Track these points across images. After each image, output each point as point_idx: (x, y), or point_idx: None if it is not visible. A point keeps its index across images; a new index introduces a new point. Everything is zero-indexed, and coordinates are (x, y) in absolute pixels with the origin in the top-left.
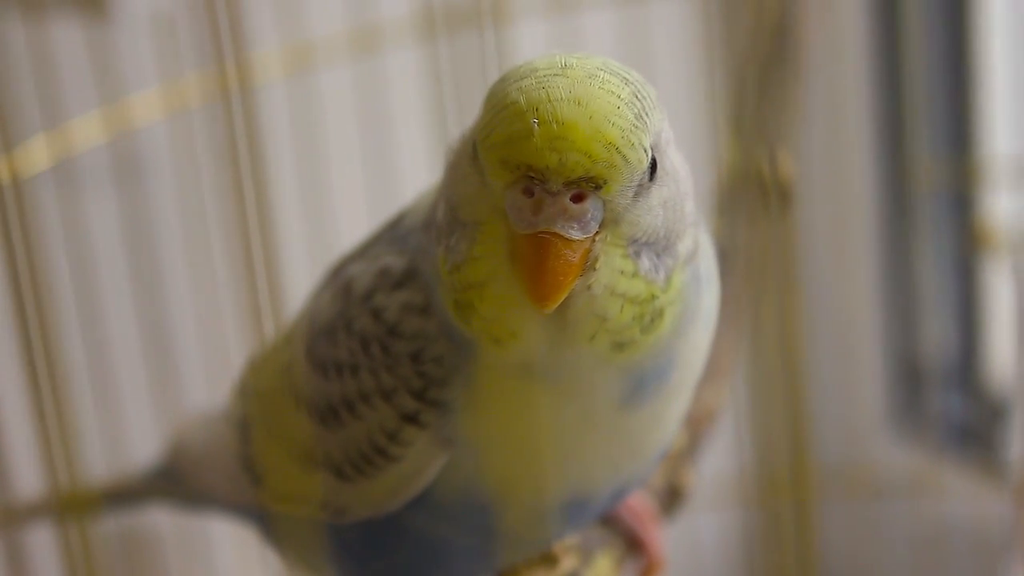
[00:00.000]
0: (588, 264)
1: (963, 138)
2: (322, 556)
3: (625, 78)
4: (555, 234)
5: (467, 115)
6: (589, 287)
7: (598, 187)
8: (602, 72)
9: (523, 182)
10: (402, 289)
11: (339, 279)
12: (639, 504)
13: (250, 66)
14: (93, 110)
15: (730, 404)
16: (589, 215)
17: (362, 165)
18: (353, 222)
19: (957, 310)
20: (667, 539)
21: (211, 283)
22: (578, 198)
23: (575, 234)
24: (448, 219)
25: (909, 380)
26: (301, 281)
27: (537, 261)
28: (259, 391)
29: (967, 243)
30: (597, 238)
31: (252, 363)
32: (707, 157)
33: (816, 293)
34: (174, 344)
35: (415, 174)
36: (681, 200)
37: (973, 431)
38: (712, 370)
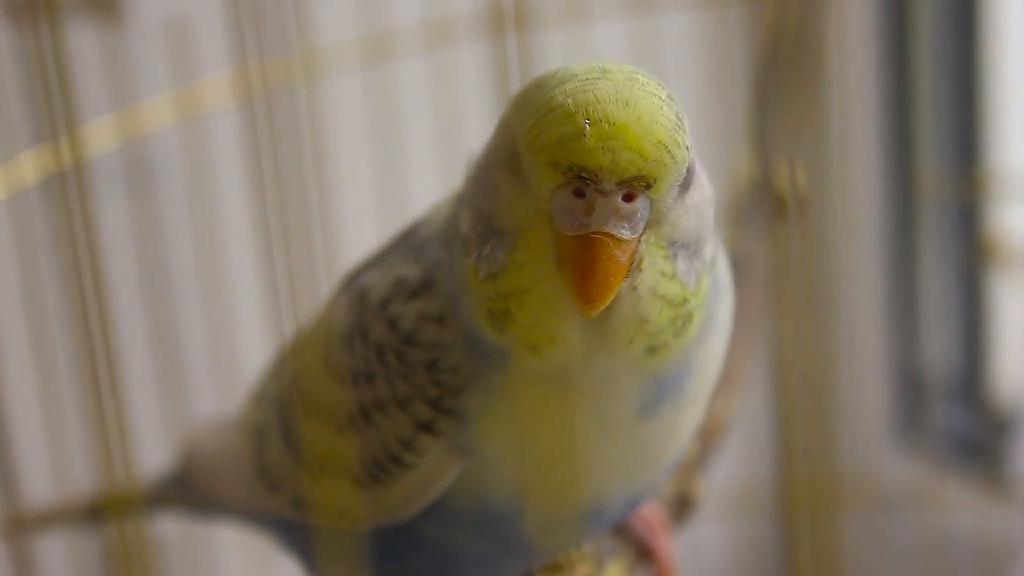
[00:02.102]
0: (634, 265)
1: (971, 150)
2: (337, 564)
3: (658, 82)
4: (607, 234)
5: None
6: (635, 288)
7: (648, 186)
8: (639, 76)
9: (574, 183)
10: (418, 298)
11: (354, 288)
12: (650, 513)
13: (272, 71)
14: (106, 115)
15: (743, 415)
16: (639, 215)
17: (372, 174)
18: (363, 228)
19: (962, 323)
20: (676, 548)
21: (222, 290)
22: (628, 198)
23: (625, 234)
24: (478, 230)
25: (914, 392)
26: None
27: (589, 262)
28: (274, 399)
29: (973, 256)
30: (642, 239)
31: (268, 371)
32: (721, 168)
33: (822, 304)
34: (183, 352)
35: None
36: (707, 205)
37: (977, 444)
38: (724, 380)
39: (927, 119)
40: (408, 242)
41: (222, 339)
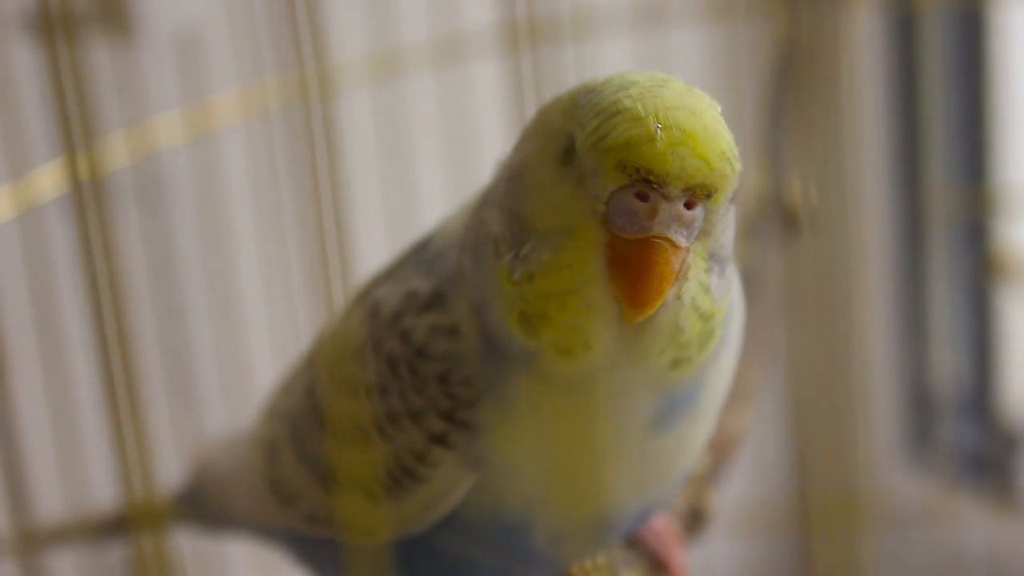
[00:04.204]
0: (682, 274)
1: (979, 166)
2: None
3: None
4: (666, 239)
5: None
6: (679, 297)
7: (708, 195)
8: (695, 89)
9: (638, 186)
10: (430, 311)
11: (366, 302)
12: (663, 526)
13: (286, 87)
14: (117, 131)
15: (754, 433)
16: (696, 223)
17: (382, 190)
18: (372, 244)
19: (971, 339)
20: (688, 562)
21: (232, 305)
22: (688, 205)
23: (682, 241)
24: (515, 230)
25: (923, 409)
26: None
27: (646, 266)
28: (287, 413)
29: (982, 272)
30: (691, 248)
31: (280, 385)
32: None
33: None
34: (193, 366)
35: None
36: (733, 226)
37: (988, 460)
38: (737, 394)
39: (935, 135)
40: (420, 255)
41: (232, 354)
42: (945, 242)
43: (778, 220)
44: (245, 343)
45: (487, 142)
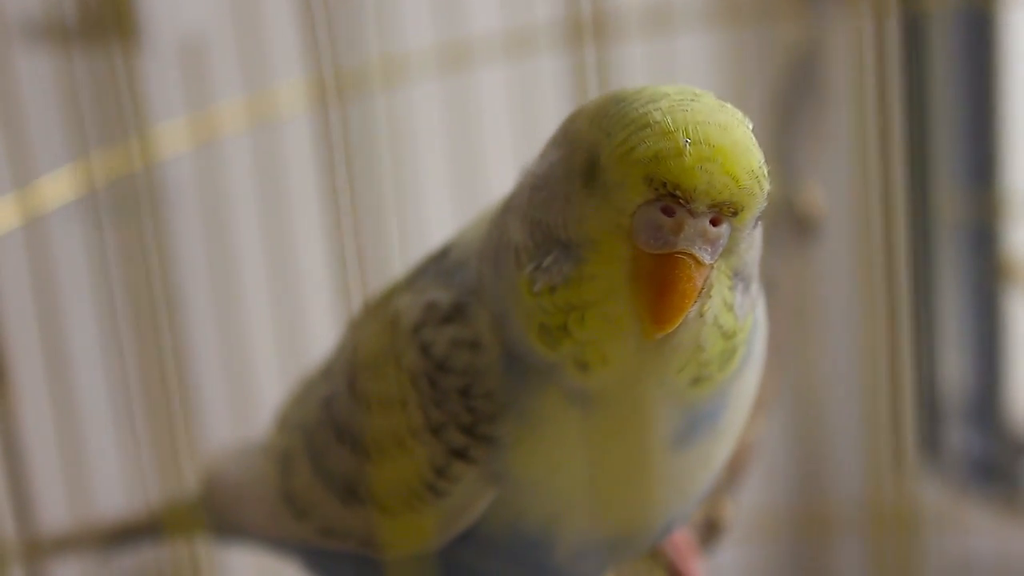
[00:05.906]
0: (704, 291)
1: (988, 170)
2: None
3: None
4: (690, 255)
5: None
6: (701, 314)
7: (735, 213)
8: (727, 104)
9: (664, 200)
10: (451, 323)
11: (385, 312)
12: (679, 537)
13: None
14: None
15: (767, 439)
16: (721, 240)
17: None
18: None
19: (979, 344)
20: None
21: (237, 314)
22: (714, 222)
23: (707, 258)
24: (536, 241)
25: (931, 415)
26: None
27: (669, 282)
28: (301, 425)
29: (990, 276)
30: (715, 265)
31: (294, 396)
32: None
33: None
34: (197, 376)
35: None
36: (760, 244)
37: (996, 466)
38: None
39: (943, 139)
40: (439, 265)
41: (237, 363)
42: (953, 247)
43: (791, 226)
44: (250, 352)
45: (494, 150)
